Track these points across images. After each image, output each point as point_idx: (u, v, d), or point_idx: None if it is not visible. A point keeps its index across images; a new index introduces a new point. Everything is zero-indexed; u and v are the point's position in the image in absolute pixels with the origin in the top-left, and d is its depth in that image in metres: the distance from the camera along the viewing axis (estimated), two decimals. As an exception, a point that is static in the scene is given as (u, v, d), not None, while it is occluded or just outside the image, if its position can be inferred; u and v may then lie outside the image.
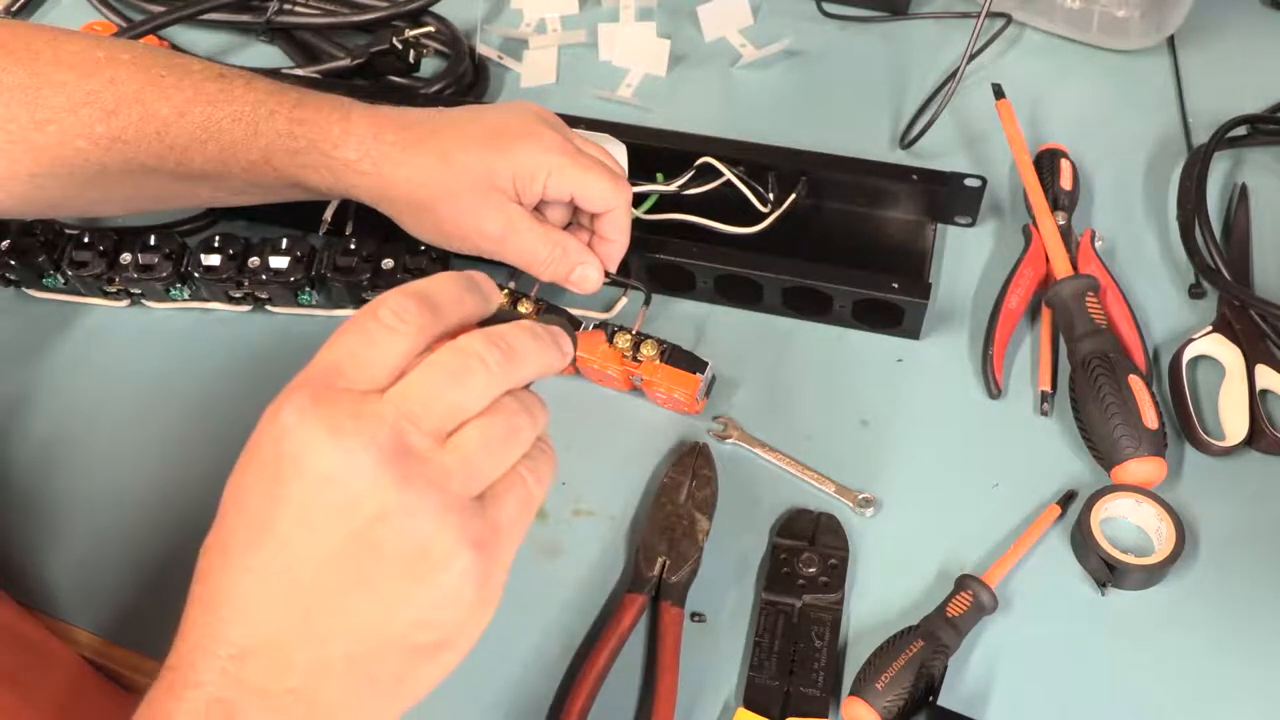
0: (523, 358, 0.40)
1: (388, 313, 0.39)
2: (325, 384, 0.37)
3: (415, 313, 0.39)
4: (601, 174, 0.61)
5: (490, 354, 0.39)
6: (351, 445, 0.36)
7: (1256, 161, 0.77)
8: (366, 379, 0.38)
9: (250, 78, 0.61)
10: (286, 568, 0.37)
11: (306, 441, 0.36)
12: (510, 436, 0.40)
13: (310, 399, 0.37)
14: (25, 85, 0.57)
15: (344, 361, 0.38)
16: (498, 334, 0.40)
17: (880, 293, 0.66)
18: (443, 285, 0.41)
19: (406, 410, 0.37)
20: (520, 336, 0.41)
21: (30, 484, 0.64)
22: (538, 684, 0.56)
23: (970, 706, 0.54)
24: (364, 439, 0.36)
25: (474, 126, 0.61)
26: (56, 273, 0.69)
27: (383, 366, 0.38)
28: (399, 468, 0.36)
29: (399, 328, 0.38)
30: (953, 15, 0.87)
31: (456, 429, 0.39)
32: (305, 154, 0.60)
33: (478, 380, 0.39)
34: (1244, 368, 0.64)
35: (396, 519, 0.36)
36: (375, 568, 0.37)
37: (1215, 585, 0.58)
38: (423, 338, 0.39)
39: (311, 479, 0.36)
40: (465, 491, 0.38)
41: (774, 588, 0.58)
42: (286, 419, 0.37)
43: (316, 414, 0.36)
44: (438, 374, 0.38)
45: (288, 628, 0.37)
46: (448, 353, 0.39)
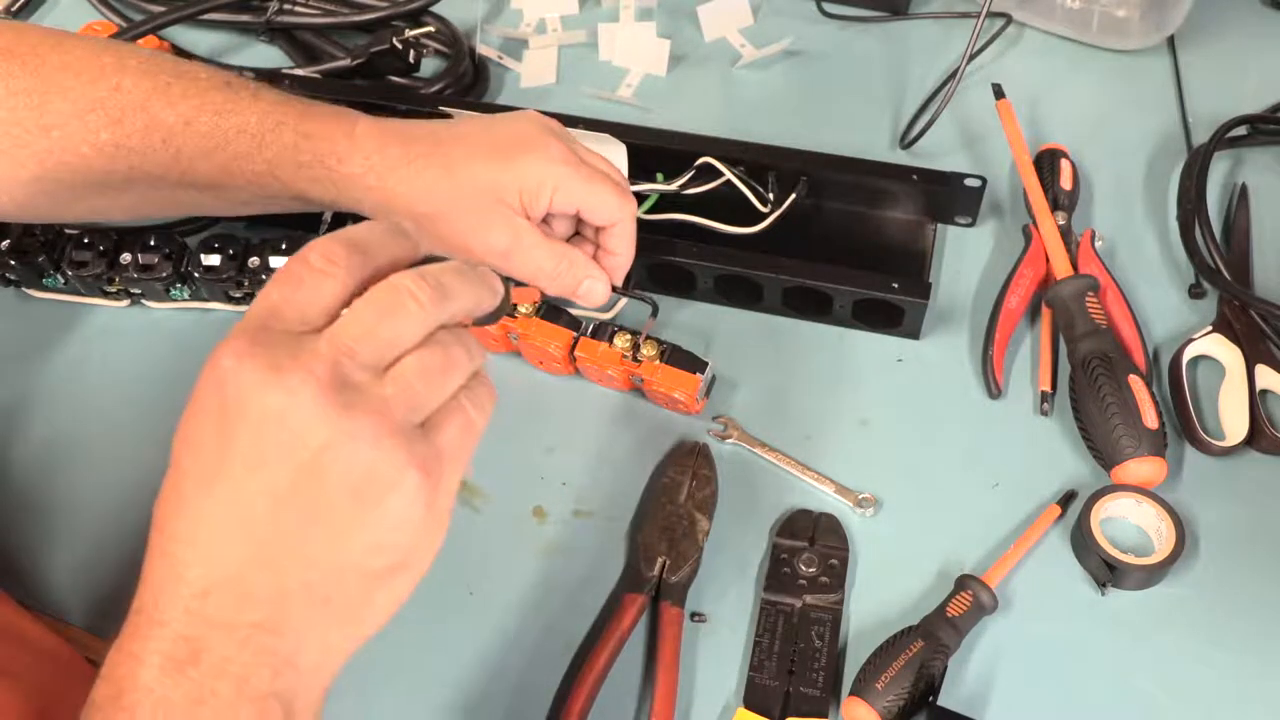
0: (453, 293, 0.41)
1: (316, 257, 0.40)
2: (261, 327, 0.38)
3: (344, 255, 0.40)
4: (607, 187, 0.61)
5: (421, 289, 0.40)
6: (292, 382, 0.37)
7: (1256, 161, 0.77)
8: (301, 321, 0.39)
9: (257, 87, 0.61)
10: (240, 505, 0.38)
11: (248, 383, 0.37)
12: (448, 367, 0.41)
13: (248, 342, 0.38)
14: (31, 90, 0.57)
15: (277, 306, 0.39)
16: (427, 271, 0.41)
17: (880, 293, 0.66)
18: (370, 229, 0.42)
19: (343, 345, 0.38)
20: (449, 273, 0.42)
21: (30, 484, 0.64)
22: (538, 684, 0.56)
23: (970, 706, 0.54)
24: (303, 374, 0.37)
25: (479, 139, 0.61)
26: (56, 273, 0.69)
27: (316, 307, 0.39)
28: (340, 398, 0.37)
29: (329, 270, 0.39)
30: (953, 15, 0.87)
31: (394, 361, 0.40)
32: (310, 167, 0.60)
33: (411, 314, 0.40)
34: (1244, 368, 0.64)
35: (341, 448, 0.37)
36: (325, 497, 0.38)
37: (1215, 585, 0.58)
38: (352, 279, 0.40)
39: (256, 417, 0.37)
40: (406, 418, 0.39)
41: (774, 588, 0.58)
42: (225, 363, 0.37)
43: (254, 356, 0.37)
44: (371, 310, 0.39)
45: (246, 562, 0.38)
46: (380, 290, 0.40)
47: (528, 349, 0.66)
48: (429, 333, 0.40)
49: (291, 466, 0.37)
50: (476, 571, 0.60)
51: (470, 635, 0.58)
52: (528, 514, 0.62)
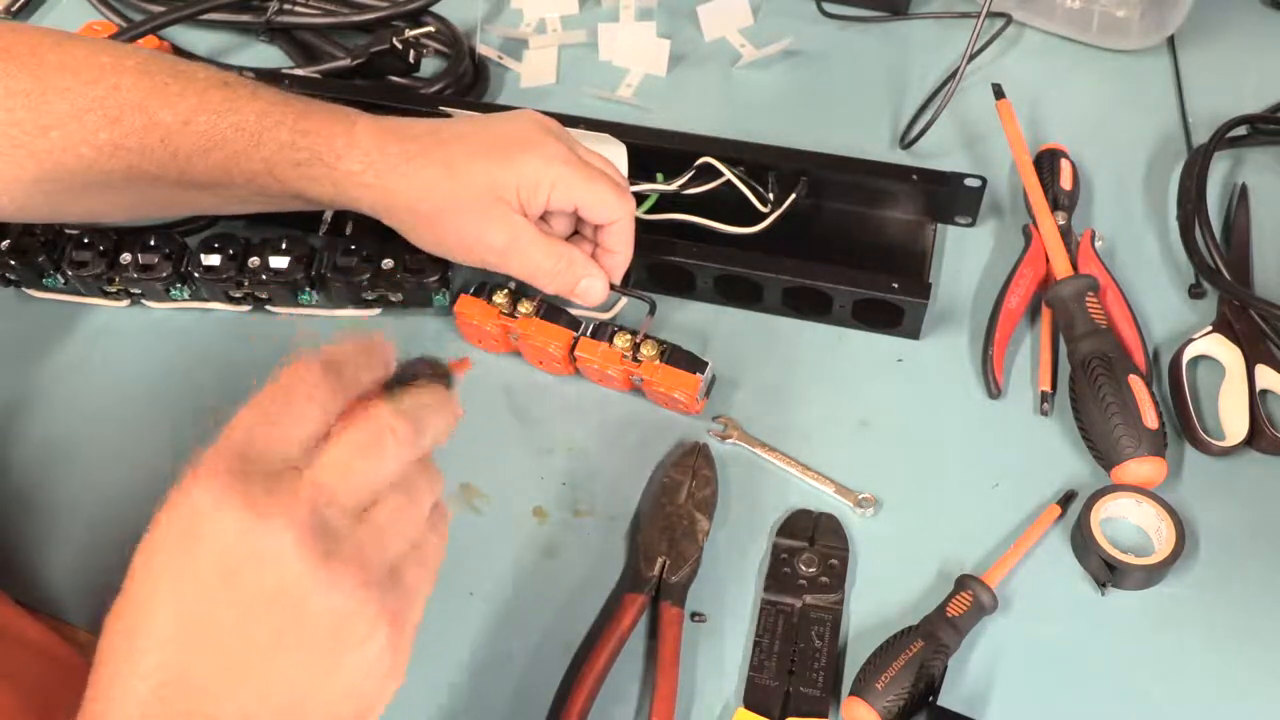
0: (427, 428, 0.41)
1: (298, 387, 0.39)
2: (240, 459, 0.37)
3: (324, 384, 0.39)
4: (606, 185, 0.61)
5: (400, 427, 0.40)
6: (273, 526, 0.36)
7: (1256, 161, 0.77)
8: (280, 456, 0.38)
9: (255, 87, 0.61)
10: (208, 644, 0.37)
11: (224, 521, 0.36)
12: (417, 506, 0.41)
13: (227, 478, 0.36)
14: (29, 90, 0.57)
15: (257, 438, 0.38)
16: (404, 407, 0.41)
17: (880, 293, 0.66)
18: (346, 354, 0.41)
19: (323, 488, 0.38)
20: (424, 406, 0.42)
21: (30, 483, 0.64)
22: (538, 684, 0.56)
23: (970, 706, 0.54)
24: (284, 519, 0.36)
25: (478, 138, 0.61)
26: (56, 273, 0.69)
27: (295, 441, 0.39)
28: (320, 545, 0.37)
29: (309, 401, 0.39)
30: (953, 15, 0.87)
31: (370, 501, 0.39)
32: (309, 165, 0.60)
33: (389, 453, 0.40)
34: (1244, 368, 0.64)
35: (319, 597, 0.37)
36: (300, 642, 0.37)
37: (1215, 585, 0.58)
38: (333, 407, 0.40)
39: (231, 559, 0.36)
40: (381, 565, 0.39)
41: (774, 588, 0.58)
42: (199, 499, 0.36)
43: (234, 494, 0.36)
44: (351, 450, 0.39)
45: (211, 702, 0.37)
46: (360, 428, 0.39)
47: (528, 349, 0.66)
48: (403, 470, 0.40)
49: (266, 607, 0.36)
50: (476, 572, 0.60)
51: (470, 635, 0.58)
52: (528, 514, 0.62)
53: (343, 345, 0.42)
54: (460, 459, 0.64)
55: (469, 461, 0.63)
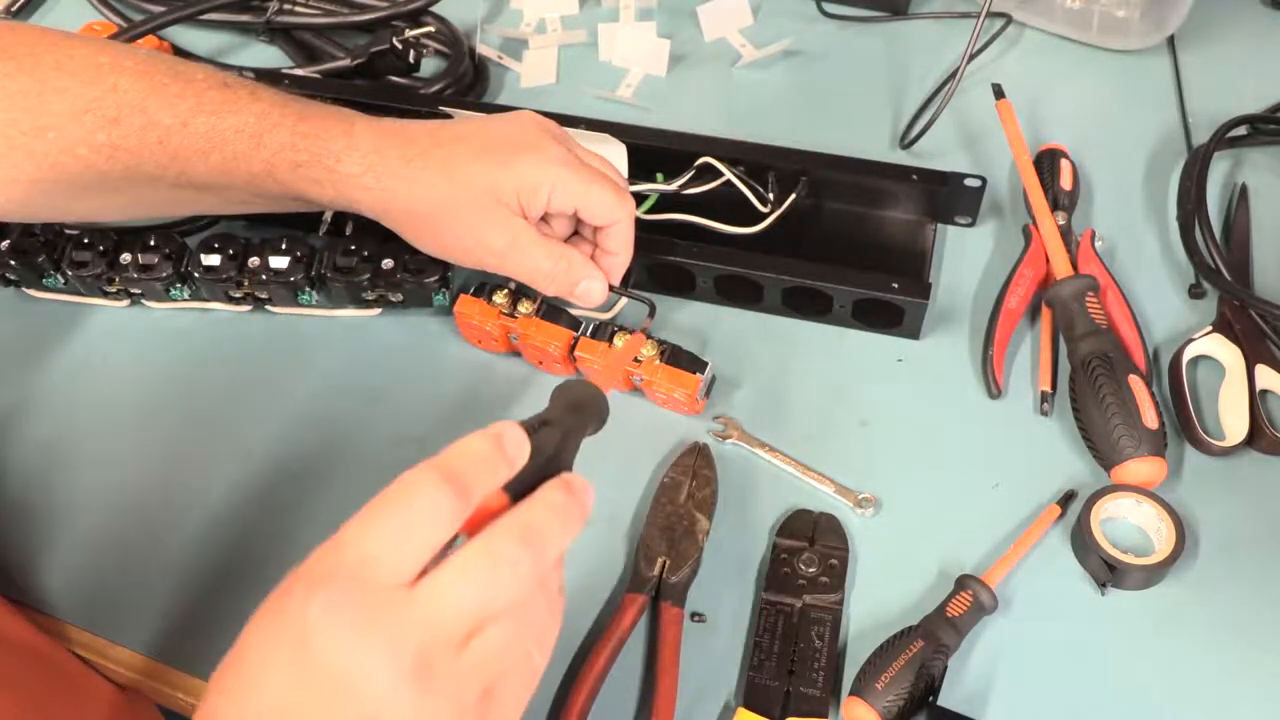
0: (551, 547, 0.40)
1: (422, 501, 0.38)
2: (354, 577, 0.37)
3: (450, 499, 0.38)
4: (606, 187, 0.61)
5: (522, 555, 0.39)
6: (376, 657, 0.36)
7: (1256, 161, 0.77)
8: (397, 574, 0.38)
9: (254, 88, 0.61)
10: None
11: (332, 641, 0.36)
12: (527, 628, 0.40)
13: (340, 594, 0.37)
14: (28, 90, 0.57)
15: (377, 552, 0.38)
16: (530, 528, 0.40)
17: (880, 293, 0.66)
18: (475, 462, 0.40)
19: (433, 620, 0.37)
20: (550, 522, 0.41)
21: (30, 484, 0.64)
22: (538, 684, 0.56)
23: (970, 706, 0.54)
24: (389, 650, 0.36)
25: (477, 140, 0.61)
26: (56, 273, 0.69)
27: (415, 557, 0.38)
28: (419, 682, 0.37)
29: (432, 518, 0.38)
30: (953, 15, 0.87)
31: (479, 625, 0.39)
32: (308, 167, 0.60)
33: (505, 584, 0.39)
34: (1244, 368, 0.64)
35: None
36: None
37: (1215, 585, 0.58)
38: (455, 523, 0.39)
39: (333, 680, 0.37)
40: (476, 693, 0.39)
41: (774, 588, 0.58)
42: (314, 614, 0.37)
43: (344, 614, 0.37)
44: (467, 581, 0.38)
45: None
46: (479, 556, 0.39)
47: (528, 349, 0.66)
48: (522, 595, 0.39)
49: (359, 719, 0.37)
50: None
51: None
52: (528, 514, 0.62)
53: (466, 446, 0.40)
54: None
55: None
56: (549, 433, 0.44)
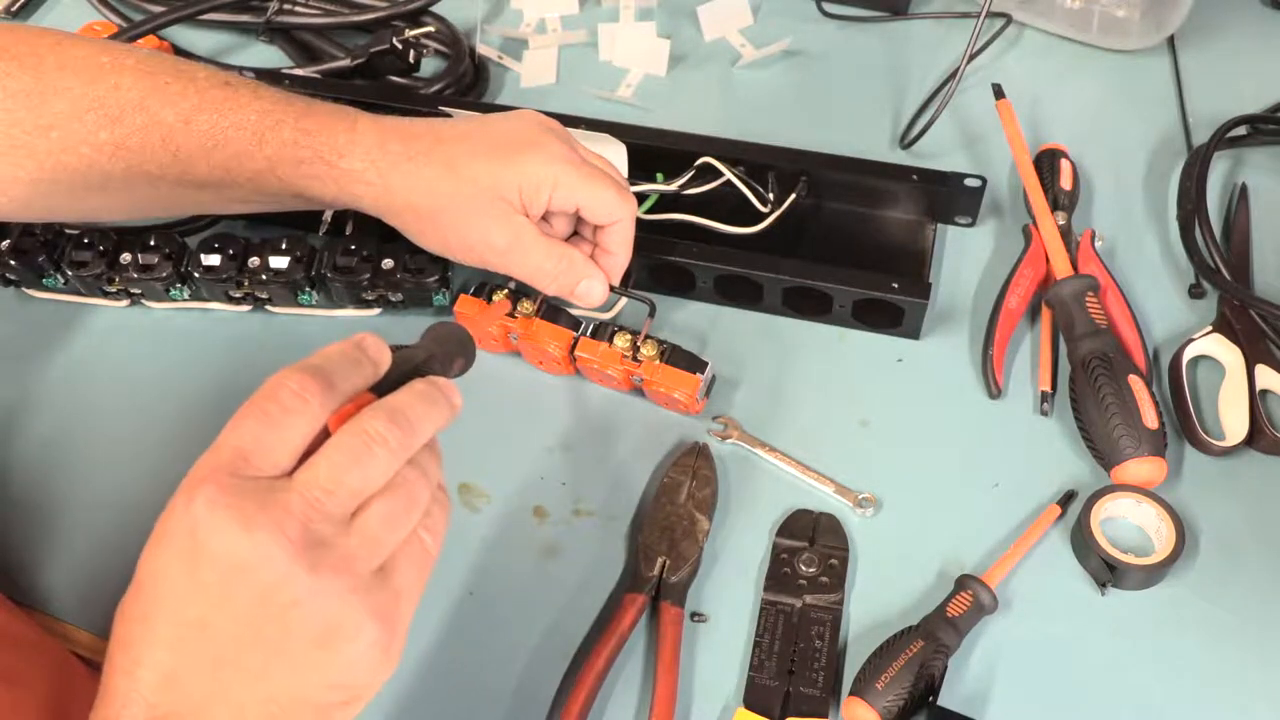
0: (419, 427, 0.42)
1: (287, 394, 0.40)
2: (232, 471, 0.39)
3: (315, 391, 0.40)
4: (607, 185, 0.61)
5: (391, 433, 0.41)
6: (262, 538, 0.38)
7: (1256, 161, 0.77)
8: (271, 463, 0.40)
9: (256, 86, 0.61)
10: (206, 643, 0.39)
11: (219, 533, 0.38)
12: (409, 507, 0.42)
13: (219, 490, 0.38)
14: (29, 90, 0.57)
15: (248, 447, 0.40)
16: (397, 409, 0.42)
17: (880, 293, 0.66)
18: (336, 359, 0.42)
19: (313, 498, 0.39)
20: (416, 406, 0.43)
21: (29, 484, 0.64)
22: (538, 684, 0.56)
23: (970, 706, 0.54)
24: (274, 531, 0.38)
25: (479, 137, 0.61)
26: (56, 273, 0.69)
27: (286, 448, 0.40)
28: (308, 557, 0.38)
29: (299, 408, 0.40)
30: (953, 15, 0.87)
31: (360, 506, 0.41)
32: (310, 164, 0.60)
33: (379, 460, 0.41)
34: (1244, 368, 0.64)
35: (308, 603, 0.39)
36: (289, 643, 0.39)
37: (1215, 585, 0.58)
38: (322, 414, 0.41)
39: (226, 568, 0.38)
40: (369, 568, 0.40)
41: (774, 588, 0.58)
42: (198, 510, 0.38)
43: (226, 506, 0.38)
44: (341, 458, 0.40)
45: (209, 694, 0.39)
46: (350, 434, 0.41)
47: (528, 349, 0.66)
48: (396, 471, 0.41)
49: (259, 614, 0.39)
50: (476, 571, 0.60)
51: (470, 635, 0.58)
52: (528, 514, 0.62)
53: (330, 348, 0.43)
54: (460, 459, 0.64)
55: (469, 461, 0.63)
56: (415, 348, 0.47)
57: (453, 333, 0.50)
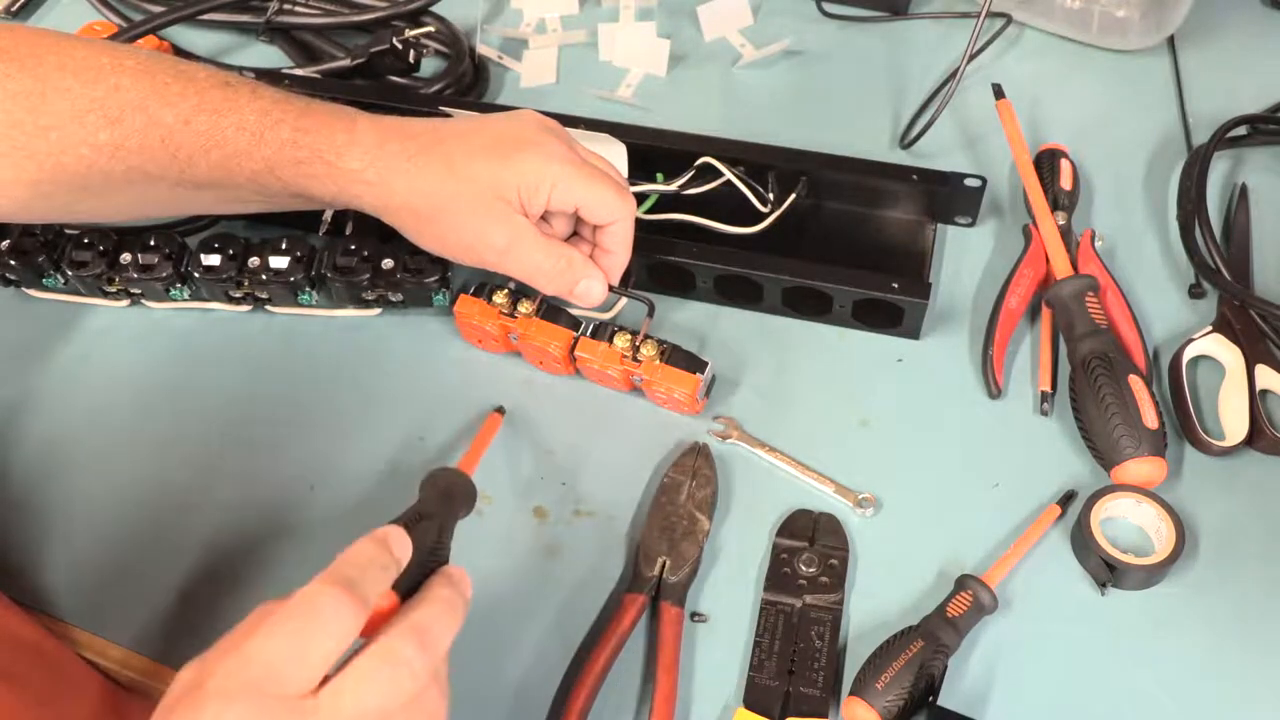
0: (443, 643, 0.44)
1: (323, 613, 0.40)
2: (261, 691, 0.39)
3: (350, 610, 0.41)
4: (607, 185, 0.61)
5: (419, 658, 0.42)
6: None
7: (1256, 161, 0.77)
8: (301, 682, 0.40)
9: (255, 86, 0.61)
10: None
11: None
12: (425, 715, 0.43)
13: (249, 711, 0.38)
14: (29, 91, 0.57)
15: (279, 663, 0.40)
16: (425, 630, 0.43)
17: (880, 293, 0.66)
18: (365, 567, 0.43)
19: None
20: (442, 619, 0.44)
21: (30, 484, 0.64)
22: (538, 684, 0.56)
23: (970, 706, 0.54)
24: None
25: (479, 137, 0.61)
26: (56, 273, 0.69)
27: (318, 667, 0.40)
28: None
29: (334, 629, 0.41)
30: (953, 15, 0.87)
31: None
32: (309, 163, 0.60)
33: (404, 685, 0.41)
34: (1244, 368, 0.64)
35: None
36: None
37: (1215, 585, 0.58)
38: (354, 631, 0.41)
39: None
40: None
41: (774, 588, 0.58)
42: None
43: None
44: (368, 687, 0.41)
45: None
46: (379, 659, 0.41)
47: (528, 349, 0.66)
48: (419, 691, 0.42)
49: None
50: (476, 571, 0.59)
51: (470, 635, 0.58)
52: (528, 514, 0.62)
53: (356, 554, 0.43)
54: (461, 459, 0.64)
55: (469, 461, 0.63)
56: (427, 526, 0.48)
57: (453, 481, 0.52)
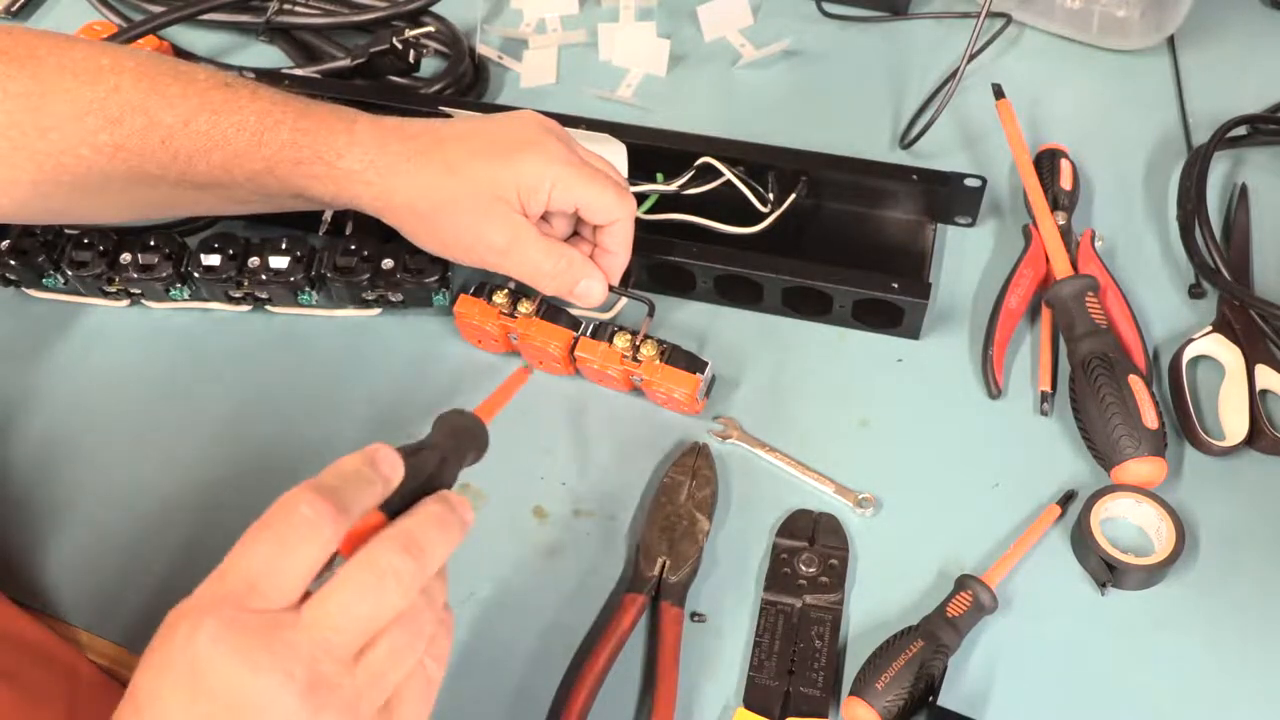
0: (432, 555, 0.41)
1: (300, 519, 0.38)
2: (238, 605, 0.38)
3: (329, 516, 0.39)
4: (606, 185, 0.61)
5: (405, 565, 0.40)
6: (267, 681, 0.37)
7: (1256, 161, 0.77)
8: (280, 594, 0.38)
9: (255, 87, 0.61)
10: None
11: (223, 671, 0.37)
12: (416, 638, 0.41)
13: (225, 626, 0.37)
14: (29, 92, 0.57)
15: (257, 575, 0.38)
16: (411, 538, 0.40)
17: (880, 293, 0.66)
18: (348, 478, 0.41)
19: (321, 638, 0.38)
20: (430, 532, 0.41)
21: (30, 484, 0.64)
22: (538, 684, 0.56)
23: (970, 706, 0.54)
24: (280, 675, 0.37)
25: (478, 137, 0.61)
26: (56, 273, 0.69)
27: (296, 577, 0.38)
28: (313, 700, 0.37)
29: (311, 535, 0.38)
30: (953, 15, 0.87)
31: (369, 638, 0.39)
32: (309, 164, 0.60)
33: (390, 595, 0.39)
34: (1244, 368, 0.64)
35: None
36: None
37: (1215, 585, 0.58)
38: (334, 540, 0.39)
39: (228, 706, 0.37)
40: (374, 706, 0.39)
41: (774, 588, 0.58)
42: (201, 644, 0.37)
43: (232, 643, 0.37)
44: (352, 595, 0.39)
45: None
46: (362, 569, 0.39)
47: (528, 349, 0.66)
48: (408, 604, 0.40)
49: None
50: (476, 572, 0.60)
51: (470, 636, 0.58)
52: (528, 514, 0.62)
53: (340, 466, 0.41)
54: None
55: (469, 461, 0.64)
56: (427, 454, 0.45)
57: (464, 424, 0.49)
